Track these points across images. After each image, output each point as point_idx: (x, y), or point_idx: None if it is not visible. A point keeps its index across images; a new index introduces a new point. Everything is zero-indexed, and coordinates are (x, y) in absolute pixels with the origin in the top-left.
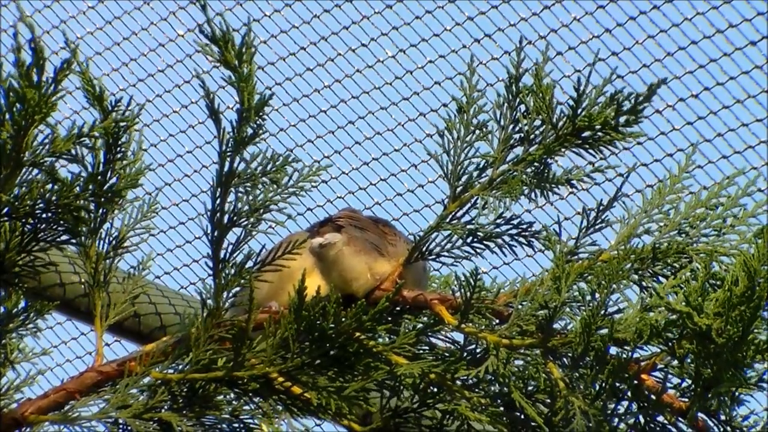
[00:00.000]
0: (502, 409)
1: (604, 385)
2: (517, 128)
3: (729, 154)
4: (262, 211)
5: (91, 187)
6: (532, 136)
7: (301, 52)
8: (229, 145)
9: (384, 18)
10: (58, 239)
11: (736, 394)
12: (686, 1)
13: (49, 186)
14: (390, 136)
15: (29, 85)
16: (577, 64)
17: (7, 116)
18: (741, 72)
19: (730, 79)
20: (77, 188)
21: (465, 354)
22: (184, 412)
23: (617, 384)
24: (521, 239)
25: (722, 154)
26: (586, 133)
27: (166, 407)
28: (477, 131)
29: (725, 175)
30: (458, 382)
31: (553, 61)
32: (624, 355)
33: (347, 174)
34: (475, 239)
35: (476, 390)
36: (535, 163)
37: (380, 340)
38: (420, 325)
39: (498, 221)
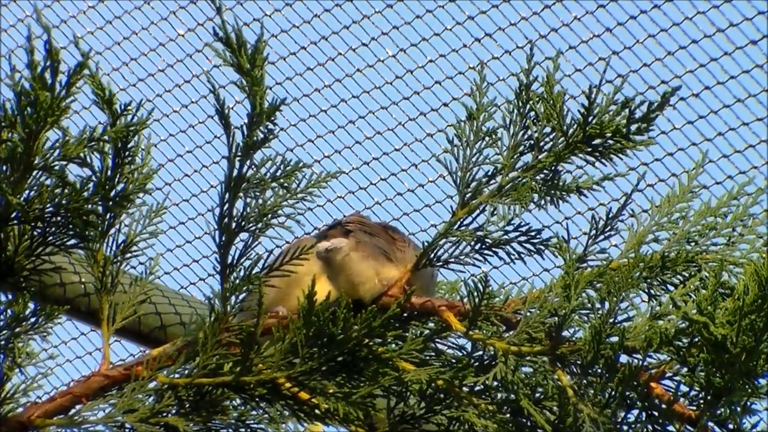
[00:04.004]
0: (509, 416)
1: (613, 393)
2: (526, 135)
3: (730, 153)
4: (270, 216)
5: (100, 191)
6: (542, 143)
7: (302, 52)
8: (238, 149)
9: (384, 17)
10: (67, 243)
11: (748, 403)
12: (687, 0)
13: (58, 190)
14: (390, 135)
15: (42, 88)
16: (578, 63)
17: (18, 119)
18: (742, 71)
19: (731, 78)
20: (86, 192)
21: (473, 361)
22: (191, 416)
23: (627, 392)
24: (530, 246)
25: (723, 153)
26: (597, 141)
27: (172, 412)
28: (486, 138)
29: (726, 174)
30: (465, 389)
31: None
32: (634, 363)
33: (347, 174)
34: (484, 246)
35: (484, 397)
36: (545, 170)
37: (389, 346)
38: (427, 332)
39: (507, 228)
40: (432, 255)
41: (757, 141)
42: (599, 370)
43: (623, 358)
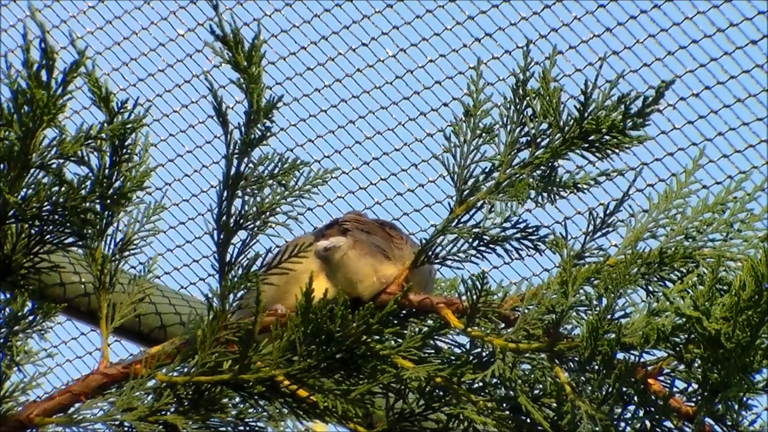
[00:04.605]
0: (508, 413)
1: (611, 389)
2: (523, 131)
3: (730, 153)
4: (268, 214)
5: (98, 189)
6: (538, 140)
7: (302, 52)
8: (236, 147)
9: (384, 17)
10: (65, 242)
11: (744, 399)
12: (687, 0)
13: (55, 188)
14: (390, 135)
15: (38, 86)
16: (578, 63)
17: (15, 117)
18: (742, 71)
19: (731, 78)
20: (84, 190)
21: (471, 358)
22: (190, 414)
23: (624, 388)
24: (528, 243)
25: (723, 153)
26: (593, 137)
27: (171, 410)
28: (484, 135)
29: (726, 174)
30: (464, 386)
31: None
32: (631, 360)
33: (347, 174)
34: (482, 243)
35: (482, 394)
36: (542, 167)
37: (387, 343)
38: (426, 329)
39: (504, 225)
40: (430, 252)
41: (757, 141)
42: (597, 367)
43: (620, 355)
